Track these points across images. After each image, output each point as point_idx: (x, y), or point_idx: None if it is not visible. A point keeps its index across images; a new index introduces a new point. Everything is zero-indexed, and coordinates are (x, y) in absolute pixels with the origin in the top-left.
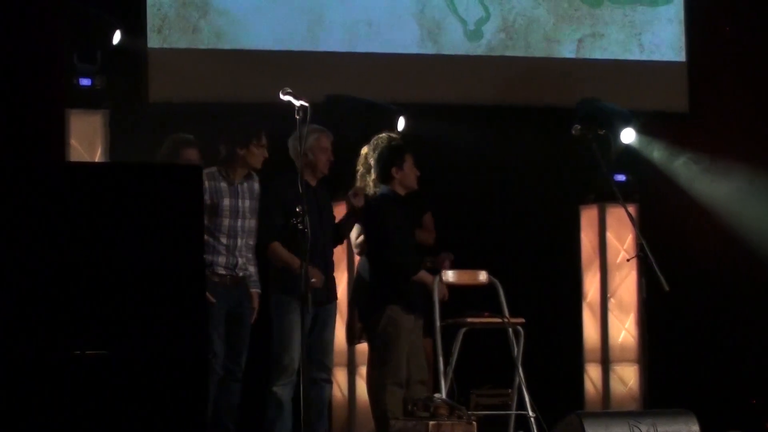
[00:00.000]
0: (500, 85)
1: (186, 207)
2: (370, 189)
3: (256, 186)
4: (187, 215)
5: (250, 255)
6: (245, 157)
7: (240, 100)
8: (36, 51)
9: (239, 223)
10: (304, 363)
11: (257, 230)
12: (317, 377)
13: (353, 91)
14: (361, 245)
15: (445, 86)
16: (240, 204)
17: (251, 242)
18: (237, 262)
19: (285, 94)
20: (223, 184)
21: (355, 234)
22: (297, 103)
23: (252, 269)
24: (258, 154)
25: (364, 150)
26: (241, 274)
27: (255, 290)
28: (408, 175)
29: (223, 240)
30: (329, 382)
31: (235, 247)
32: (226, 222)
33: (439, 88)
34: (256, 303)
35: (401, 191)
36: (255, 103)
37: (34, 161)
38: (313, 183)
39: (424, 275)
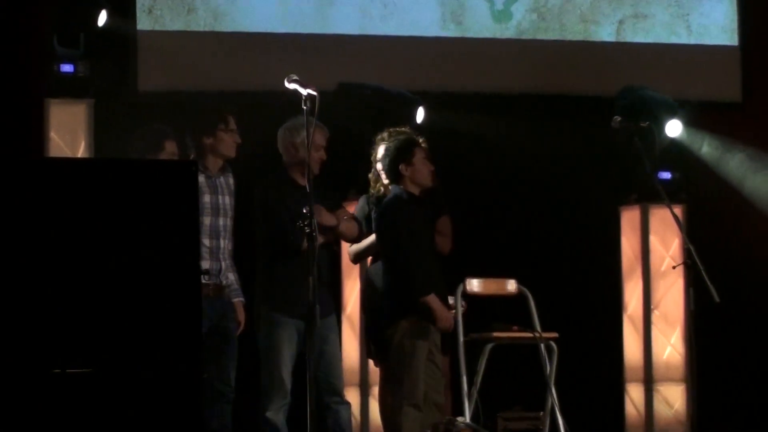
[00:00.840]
0: (531, 72)
1: (180, 209)
2: (380, 189)
3: (232, 181)
4: (181, 218)
5: (230, 260)
6: (215, 146)
7: (240, 88)
8: (11, 33)
9: (221, 221)
10: (310, 385)
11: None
12: (329, 402)
13: (367, 78)
14: (354, 253)
15: (469, 73)
16: (220, 200)
17: (231, 245)
18: (221, 266)
19: (291, 81)
20: (201, 178)
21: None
22: (304, 91)
23: (232, 276)
24: (229, 141)
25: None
26: (224, 281)
27: (238, 299)
28: (419, 171)
29: (206, 242)
30: (344, 403)
31: (218, 249)
32: (207, 221)
33: (463, 75)
34: (241, 315)
35: (415, 190)
36: (256, 92)
37: (9, 157)
38: (303, 182)
39: (432, 301)
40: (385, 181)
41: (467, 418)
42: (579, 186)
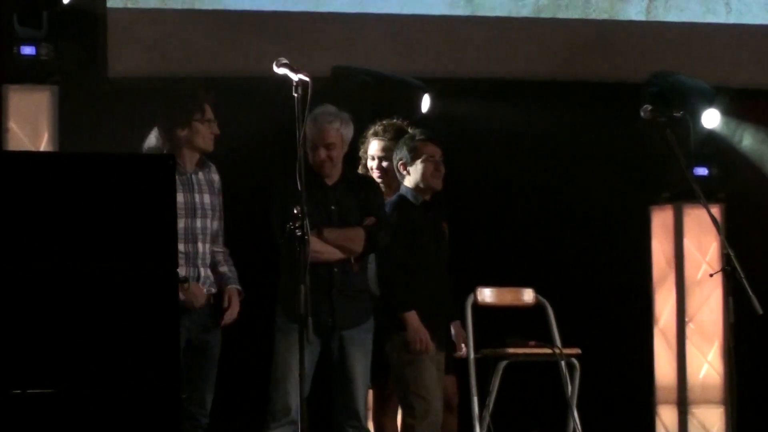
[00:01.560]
0: (550, 56)
1: (155, 209)
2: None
3: (216, 177)
4: (156, 219)
5: (220, 258)
6: (190, 139)
7: (223, 73)
8: None
9: (198, 223)
10: (303, 406)
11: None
12: (345, 425)
13: (366, 62)
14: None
15: (480, 57)
16: (198, 199)
17: (218, 248)
18: (199, 273)
19: (280, 65)
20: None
21: None
22: (295, 77)
23: (226, 268)
24: (205, 133)
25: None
26: (206, 290)
27: (233, 287)
28: (421, 172)
29: (180, 246)
30: (362, 429)
31: (195, 254)
32: (181, 223)
33: (474, 59)
34: (235, 303)
35: (422, 194)
36: (240, 77)
37: None
38: (329, 181)
39: (410, 319)
40: (379, 178)
41: None
42: (604, 184)
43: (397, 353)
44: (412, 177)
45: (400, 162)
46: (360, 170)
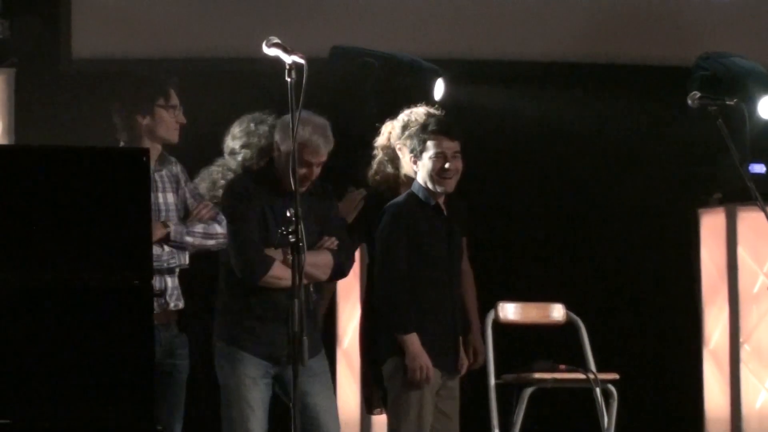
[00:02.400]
0: (582, 35)
1: (127, 210)
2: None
3: (180, 172)
4: (129, 222)
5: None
6: (152, 128)
7: (202, 53)
8: None
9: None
10: None
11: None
12: None
13: (370, 42)
14: None
15: (502, 36)
16: (162, 199)
17: (183, 258)
18: (166, 284)
19: (270, 45)
20: None
21: None
22: (288, 59)
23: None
24: (169, 121)
25: (388, 127)
26: (173, 304)
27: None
28: (428, 170)
29: None
30: None
31: (161, 264)
32: None
33: (495, 38)
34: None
35: (434, 194)
36: (223, 59)
37: None
38: (289, 187)
39: (410, 342)
40: (390, 172)
41: None
42: (644, 183)
43: (391, 379)
44: (419, 175)
45: (412, 155)
46: (374, 168)
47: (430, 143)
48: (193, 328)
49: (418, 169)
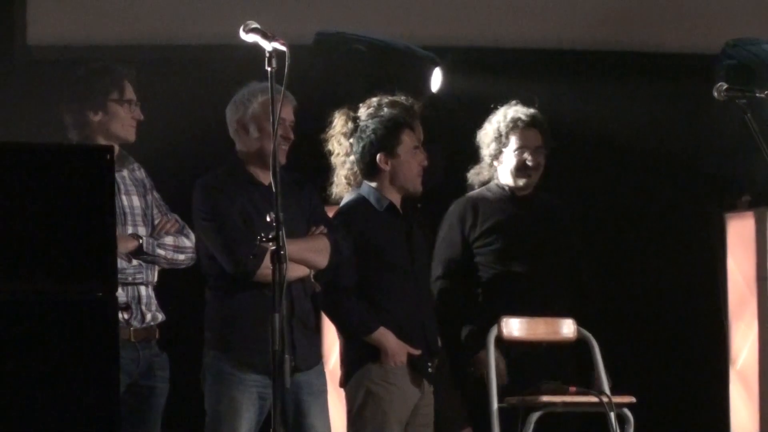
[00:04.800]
0: (595, 20)
1: (90, 213)
2: (342, 189)
3: (143, 174)
4: (91, 227)
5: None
6: (105, 125)
7: (173, 41)
8: None
9: (129, 231)
10: None
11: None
12: None
13: (360, 26)
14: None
15: (506, 22)
16: (126, 202)
17: (152, 275)
18: (139, 294)
19: (249, 31)
20: None
21: None
22: (269, 45)
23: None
24: (124, 117)
25: (340, 119)
26: (149, 317)
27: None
28: (404, 167)
29: None
30: None
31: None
32: None
33: (498, 24)
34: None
35: (392, 195)
36: (195, 45)
37: None
38: (265, 179)
39: (381, 335)
40: (343, 179)
41: None
42: (665, 184)
43: (362, 398)
44: (390, 174)
45: (378, 155)
46: (337, 169)
47: (408, 135)
48: (176, 347)
49: (386, 166)
